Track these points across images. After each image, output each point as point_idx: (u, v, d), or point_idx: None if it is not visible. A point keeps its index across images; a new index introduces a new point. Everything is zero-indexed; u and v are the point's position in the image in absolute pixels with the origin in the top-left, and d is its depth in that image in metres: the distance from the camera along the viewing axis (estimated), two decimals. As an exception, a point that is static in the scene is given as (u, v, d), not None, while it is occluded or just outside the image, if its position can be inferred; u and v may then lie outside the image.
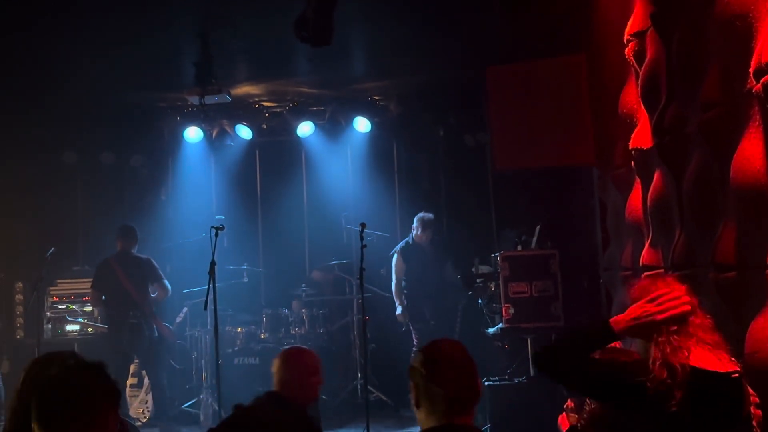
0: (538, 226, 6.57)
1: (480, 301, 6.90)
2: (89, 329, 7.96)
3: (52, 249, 7.21)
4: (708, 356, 2.52)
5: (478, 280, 6.85)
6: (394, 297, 7.73)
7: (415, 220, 7.80)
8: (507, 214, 8.03)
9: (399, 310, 7.69)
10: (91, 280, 7.45)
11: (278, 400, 3.57)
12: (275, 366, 3.64)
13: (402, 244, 7.88)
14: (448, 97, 8.36)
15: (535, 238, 6.53)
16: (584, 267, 6.35)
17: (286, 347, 4.08)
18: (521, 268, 6.24)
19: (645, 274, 4.21)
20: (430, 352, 2.55)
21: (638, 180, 4.52)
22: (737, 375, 2.51)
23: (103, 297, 7.31)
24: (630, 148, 4.38)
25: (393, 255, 7.82)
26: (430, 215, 7.81)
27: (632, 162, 4.48)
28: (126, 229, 7.42)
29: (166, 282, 7.38)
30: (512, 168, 6.32)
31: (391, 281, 7.80)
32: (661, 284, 2.66)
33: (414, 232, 7.79)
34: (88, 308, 8.09)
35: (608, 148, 5.15)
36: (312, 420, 3.67)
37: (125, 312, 7.12)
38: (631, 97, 4.53)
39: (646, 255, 4.29)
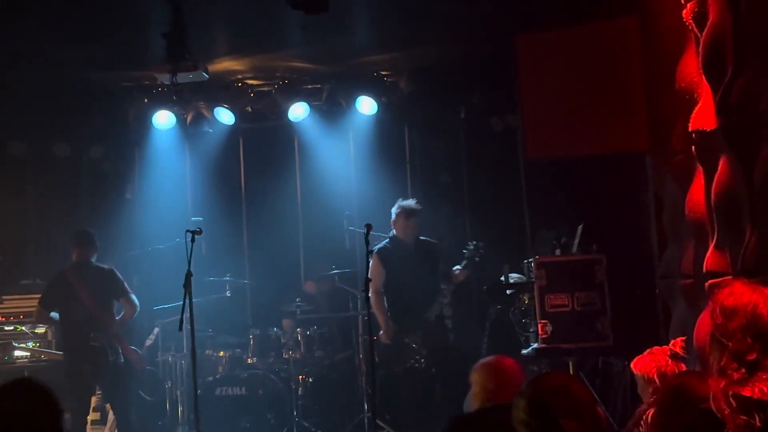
0: (581, 226, 6.57)
1: (511, 316, 6.90)
2: (42, 356, 8.01)
3: (-1, 258, 7.28)
4: None
5: (507, 292, 6.85)
6: (374, 310, 7.28)
7: (394, 208, 7.48)
8: (542, 211, 8.02)
9: (384, 328, 7.34)
10: (42, 295, 7.53)
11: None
12: (476, 377, 3.89)
13: (382, 243, 7.53)
14: (470, 71, 8.36)
15: (576, 241, 6.53)
16: (637, 275, 6.35)
17: (487, 358, 4.21)
18: (560, 276, 6.24)
19: (710, 281, 4.22)
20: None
21: (701, 169, 4.52)
22: None
23: (54, 315, 7.36)
24: (690, 130, 4.38)
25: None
26: (411, 202, 7.49)
27: (693, 147, 4.48)
28: (83, 234, 7.46)
29: (134, 297, 7.42)
30: (548, 157, 6.32)
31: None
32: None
33: (393, 226, 7.49)
34: (41, 330, 8.14)
35: (664, 131, 5.15)
36: None
37: (85, 334, 7.16)
38: (691, 68, 4.53)
39: (710, 259, 4.29)
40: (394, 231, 7.51)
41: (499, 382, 3.87)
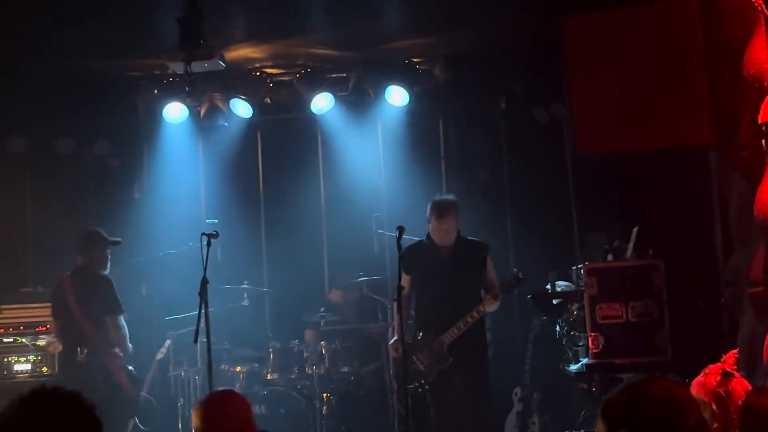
0: (636, 229, 6.55)
1: (558, 328, 6.90)
2: (44, 368, 8.10)
3: (-4, 265, 7.37)
4: None
5: (554, 301, 6.84)
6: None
7: (428, 206, 7.05)
8: (593, 212, 8.00)
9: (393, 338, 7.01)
10: (45, 304, 7.67)
11: None
12: (195, 420, 3.75)
13: (412, 242, 7.08)
14: (511, 57, 8.36)
15: (631, 244, 6.52)
16: (699, 282, 6.33)
17: (211, 393, 4.13)
18: (613, 284, 6.23)
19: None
20: None
21: (771, 165, 4.51)
22: None
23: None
24: (759, 122, 4.37)
25: None
26: (448, 197, 7.09)
27: (763, 141, 4.46)
28: (85, 235, 7.51)
29: (121, 319, 7.27)
30: (599, 151, 6.32)
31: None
32: None
33: (429, 225, 7.03)
34: (42, 341, 8.24)
35: (730, 123, 5.13)
36: None
37: (73, 348, 7.24)
38: (760, 53, 4.52)
39: (783, 265, 4.28)
40: (429, 229, 7.07)
41: (211, 420, 3.70)
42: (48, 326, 7.97)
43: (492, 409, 7.16)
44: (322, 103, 8.78)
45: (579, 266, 6.59)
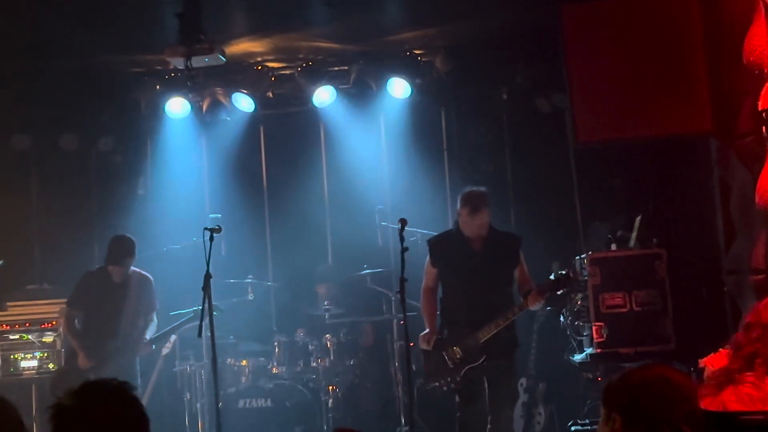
0: (638, 218, 6.55)
1: (562, 318, 6.90)
2: (50, 365, 8.14)
3: (1, 262, 7.37)
4: None
5: (558, 291, 6.85)
6: (421, 311, 6.84)
7: (459, 198, 6.76)
8: (596, 202, 8.00)
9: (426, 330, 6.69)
10: (51, 301, 7.76)
11: None
12: None
13: (440, 233, 6.99)
14: (512, 48, 8.35)
15: (634, 234, 6.52)
16: (701, 270, 6.33)
17: None
18: (617, 273, 6.23)
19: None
20: None
21: (772, 152, 4.50)
22: None
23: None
24: (760, 109, 4.36)
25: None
26: (480, 189, 6.68)
27: (763, 128, 4.46)
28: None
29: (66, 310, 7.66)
30: (601, 141, 6.31)
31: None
32: None
33: (458, 218, 6.72)
34: (48, 338, 8.28)
35: (730, 110, 5.12)
36: None
37: None
38: (760, 40, 4.50)
39: (784, 252, 4.27)
40: (457, 221, 6.75)
41: None
42: (54, 323, 8.06)
43: (513, 409, 6.85)
44: (324, 96, 8.77)
45: (582, 256, 6.58)
